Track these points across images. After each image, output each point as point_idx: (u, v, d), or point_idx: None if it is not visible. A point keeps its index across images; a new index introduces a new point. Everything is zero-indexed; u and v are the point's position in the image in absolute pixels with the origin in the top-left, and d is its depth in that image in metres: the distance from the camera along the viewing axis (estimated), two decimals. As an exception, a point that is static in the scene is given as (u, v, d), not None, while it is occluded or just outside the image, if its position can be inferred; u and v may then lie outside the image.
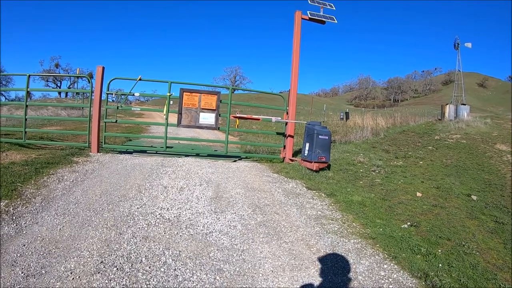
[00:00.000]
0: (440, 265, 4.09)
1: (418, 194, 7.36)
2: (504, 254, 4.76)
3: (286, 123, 9.98)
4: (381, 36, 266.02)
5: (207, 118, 9.47)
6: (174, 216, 4.90)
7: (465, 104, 22.10)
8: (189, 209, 5.27)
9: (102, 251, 3.62)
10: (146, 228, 4.37)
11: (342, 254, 4.15)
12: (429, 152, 12.27)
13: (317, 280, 3.48)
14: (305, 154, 8.97)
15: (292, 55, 9.81)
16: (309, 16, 9.63)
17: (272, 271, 3.58)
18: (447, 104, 22.20)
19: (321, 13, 9.72)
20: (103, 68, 8.96)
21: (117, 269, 3.31)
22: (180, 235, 4.27)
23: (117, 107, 9.48)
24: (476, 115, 22.07)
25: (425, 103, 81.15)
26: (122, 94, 9.64)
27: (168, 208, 5.20)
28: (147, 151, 9.93)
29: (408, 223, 5.53)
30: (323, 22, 9.84)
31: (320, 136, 8.66)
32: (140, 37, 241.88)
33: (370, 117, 22.00)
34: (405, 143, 14.01)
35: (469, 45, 24.42)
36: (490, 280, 3.90)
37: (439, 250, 4.58)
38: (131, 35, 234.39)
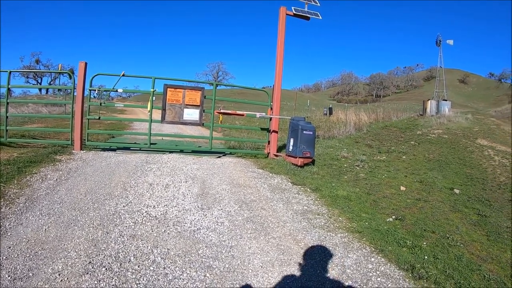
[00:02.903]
0: (426, 257, 4.18)
1: (402, 188, 7.48)
2: (488, 246, 4.89)
3: (271, 119, 9.99)
4: (363, 32, 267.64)
5: (192, 114, 9.42)
6: (161, 214, 4.88)
7: (446, 100, 22.46)
8: (175, 206, 5.25)
9: (90, 251, 3.58)
10: (133, 227, 4.34)
11: (330, 248, 4.20)
12: (411, 147, 12.47)
13: (306, 275, 3.52)
14: (290, 150, 9.01)
15: (277, 50, 9.80)
16: (294, 12, 9.63)
17: (262, 267, 3.61)
18: (428, 99, 22.55)
19: (306, 9, 9.72)
20: (86, 63, 8.78)
21: (106, 269, 3.28)
22: (168, 233, 4.26)
23: (100, 103, 9.33)
24: (457, 110, 22.47)
25: (407, 99, 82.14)
26: (105, 90, 9.49)
27: (154, 206, 5.16)
28: (131, 148, 9.83)
29: (393, 217, 5.63)
30: (307, 18, 9.86)
31: (304, 132, 8.71)
32: (122, 33, 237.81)
33: (353, 112, 22.21)
34: (388, 138, 14.20)
35: (450, 42, 24.81)
36: (475, 271, 4.01)
37: (424, 243, 4.68)
38: (114, 31, 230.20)
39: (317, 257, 3.96)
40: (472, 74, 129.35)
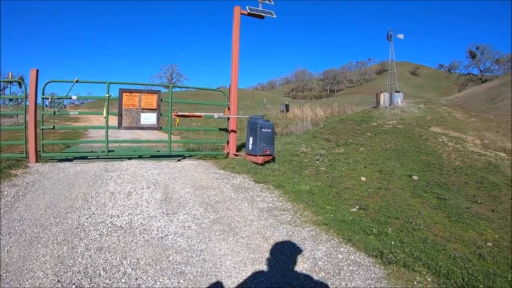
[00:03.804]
0: (393, 242, 4.37)
1: (363, 178, 7.72)
2: (450, 227, 5.15)
3: (228, 119, 10.02)
4: (316, 29, 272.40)
5: (149, 118, 9.28)
6: (126, 223, 4.79)
7: (399, 92, 23.31)
8: (140, 214, 5.18)
9: (57, 269, 3.45)
10: (99, 239, 4.24)
11: (299, 243, 4.30)
12: (368, 138, 12.86)
13: (279, 270, 3.58)
14: (250, 148, 9.08)
15: (232, 50, 9.82)
16: (248, 11, 9.68)
17: (234, 267, 3.64)
18: (381, 92, 23.31)
19: (260, 8, 9.80)
20: (37, 71, 8.39)
21: (76, 286, 3.17)
22: (136, 242, 4.19)
23: (54, 112, 8.98)
24: (409, 101, 23.39)
25: (361, 92, 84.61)
26: (59, 98, 9.13)
27: (118, 215, 5.07)
28: (88, 157, 9.55)
29: (357, 207, 5.83)
30: (262, 17, 9.93)
31: (263, 130, 8.80)
32: (72, 36, 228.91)
33: (309, 108, 22.56)
34: (345, 131, 14.57)
35: (401, 36, 25.82)
36: (441, 251, 4.22)
37: (390, 229, 4.87)
38: (63, 35, 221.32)
39: (287, 252, 4.05)
40: (422, 66, 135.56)
